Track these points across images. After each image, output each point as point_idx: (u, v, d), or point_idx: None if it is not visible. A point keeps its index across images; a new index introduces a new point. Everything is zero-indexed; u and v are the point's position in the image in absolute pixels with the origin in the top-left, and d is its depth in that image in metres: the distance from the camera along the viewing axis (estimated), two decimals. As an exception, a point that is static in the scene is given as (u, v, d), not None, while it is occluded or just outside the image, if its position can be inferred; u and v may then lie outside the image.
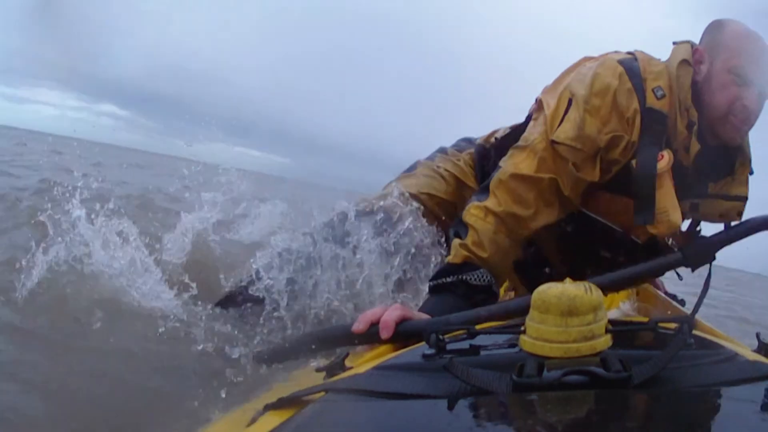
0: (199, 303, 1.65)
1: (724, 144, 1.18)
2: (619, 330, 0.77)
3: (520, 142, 1.24)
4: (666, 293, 1.84)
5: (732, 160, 1.22)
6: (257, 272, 1.49)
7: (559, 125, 1.17)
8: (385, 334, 0.94)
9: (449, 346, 0.77)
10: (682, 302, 1.76)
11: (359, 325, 0.97)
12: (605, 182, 1.19)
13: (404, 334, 0.95)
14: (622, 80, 1.15)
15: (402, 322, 0.96)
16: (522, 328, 0.71)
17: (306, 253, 1.48)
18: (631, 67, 1.17)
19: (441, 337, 0.79)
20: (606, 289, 1.05)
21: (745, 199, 1.22)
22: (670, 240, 1.24)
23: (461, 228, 1.20)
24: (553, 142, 1.17)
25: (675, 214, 1.13)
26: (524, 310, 0.71)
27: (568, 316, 0.66)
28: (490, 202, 1.19)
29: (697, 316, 1.23)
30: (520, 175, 1.18)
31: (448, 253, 1.23)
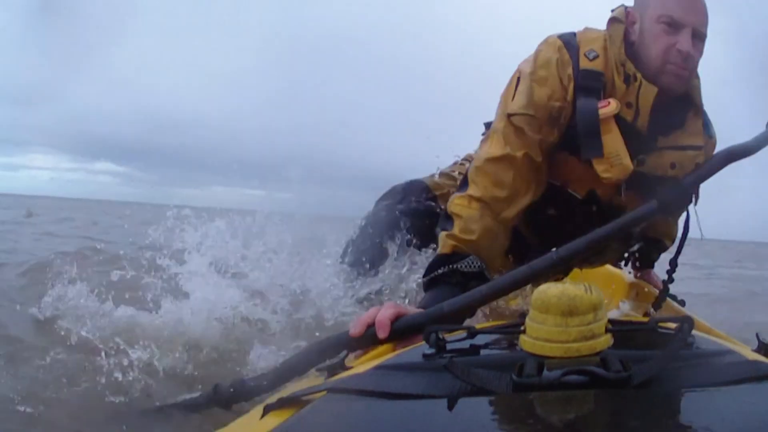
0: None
1: (672, 95, 1.21)
2: (619, 330, 0.77)
3: (487, 132, 1.29)
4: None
5: (684, 114, 1.25)
6: None
7: (512, 101, 1.24)
8: (381, 334, 0.94)
9: (449, 346, 0.77)
10: (682, 302, 1.75)
11: (356, 329, 0.97)
12: (566, 144, 1.24)
13: (400, 330, 0.95)
14: (561, 52, 1.22)
15: (397, 319, 0.96)
16: (522, 328, 0.71)
17: None
18: (569, 39, 1.24)
19: (441, 336, 0.79)
20: (584, 254, 1.12)
21: (700, 147, 1.24)
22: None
23: (446, 221, 1.22)
24: (508, 116, 1.23)
25: (626, 158, 1.15)
26: (516, 284, 0.70)
27: (568, 316, 0.66)
28: (472, 190, 1.21)
29: (698, 316, 1.24)
30: (493, 157, 1.22)
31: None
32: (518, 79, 1.26)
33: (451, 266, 1.16)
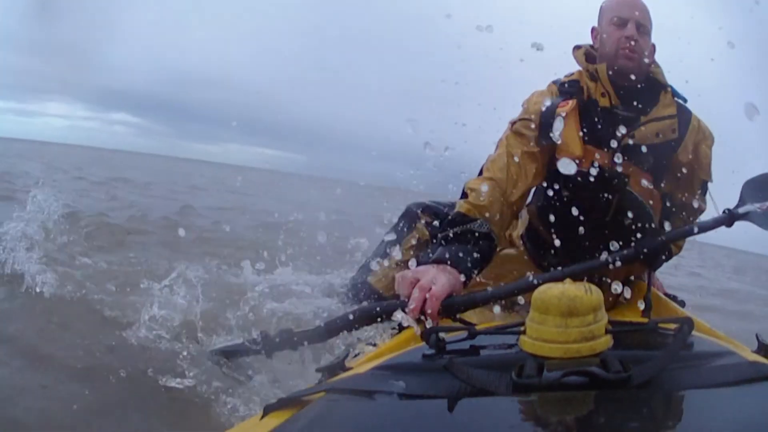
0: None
1: (630, 74, 1.51)
2: (619, 330, 0.77)
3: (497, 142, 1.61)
4: (666, 294, 1.83)
5: (656, 94, 1.56)
6: None
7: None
8: (432, 311, 1.11)
9: (449, 347, 0.77)
10: (682, 303, 1.75)
11: (412, 305, 1.12)
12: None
13: (449, 308, 1.14)
14: (550, 86, 1.64)
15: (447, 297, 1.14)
16: (522, 329, 0.71)
17: None
18: (556, 80, 1.65)
19: (441, 337, 0.79)
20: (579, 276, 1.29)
21: (673, 116, 1.54)
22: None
23: (462, 197, 1.46)
24: (511, 124, 1.57)
25: (574, 144, 1.50)
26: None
27: (568, 317, 0.66)
28: (485, 174, 1.51)
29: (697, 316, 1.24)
30: (499, 154, 1.54)
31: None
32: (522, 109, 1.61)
33: (464, 226, 1.38)
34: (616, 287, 1.46)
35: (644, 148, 1.49)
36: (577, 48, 1.65)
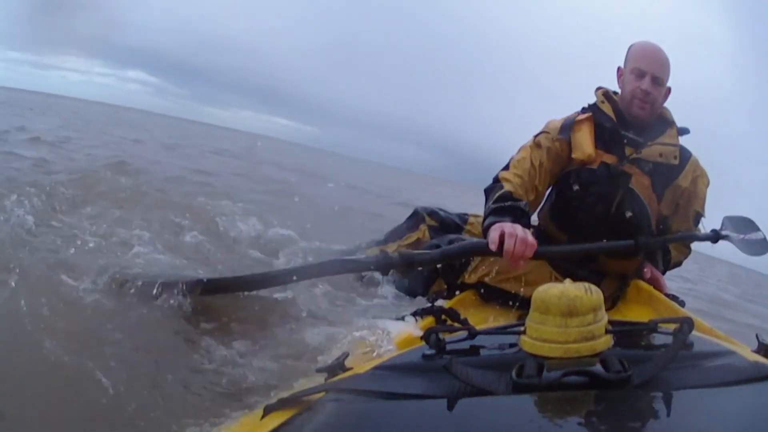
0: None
1: (642, 119, 1.79)
2: (619, 330, 0.77)
3: (520, 147, 1.88)
4: (666, 294, 1.83)
5: (664, 128, 1.83)
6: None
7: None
8: (528, 253, 1.45)
9: (449, 347, 0.77)
10: (683, 303, 1.75)
11: (496, 243, 1.45)
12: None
13: (538, 255, 1.49)
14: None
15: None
16: (522, 329, 0.71)
17: None
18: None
19: (441, 337, 0.79)
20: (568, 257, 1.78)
21: (676, 145, 1.81)
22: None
23: (495, 184, 1.77)
24: (534, 137, 1.85)
25: (587, 146, 1.78)
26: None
27: (568, 317, 0.66)
28: (512, 170, 1.80)
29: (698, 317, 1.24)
30: (522, 158, 1.82)
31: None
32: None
33: (515, 203, 1.66)
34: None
35: (647, 167, 1.77)
36: (598, 89, 1.92)
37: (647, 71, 1.75)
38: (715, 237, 1.96)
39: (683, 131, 1.87)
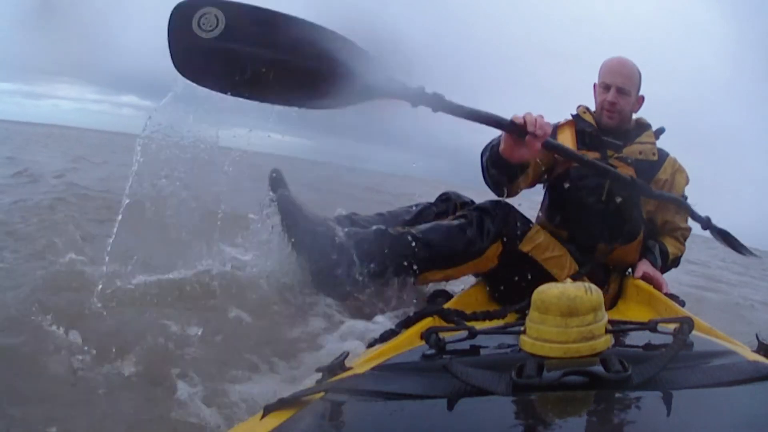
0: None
1: (611, 127, 2.01)
2: (619, 330, 0.77)
3: None
4: (666, 294, 1.83)
5: (641, 131, 2.06)
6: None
7: None
8: (540, 132, 1.57)
9: (449, 347, 0.77)
10: (683, 303, 1.75)
11: (518, 119, 1.58)
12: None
13: (549, 145, 1.70)
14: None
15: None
16: (522, 329, 0.71)
17: None
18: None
19: (440, 337, 0.78)
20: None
21: (652, 143, 2.04)
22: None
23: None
24: None
25: (568, 144, 1.91)
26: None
27: (568, 317, 0.66)
28: None
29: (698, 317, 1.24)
30: None
31: None
32: None
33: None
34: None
35: (629, 159, 1.98)
36: (579, 106, 2.15)
37: (612, 84, 1.98)
38: (707, 223, 2.14)
39: (660, 132, 2.11)
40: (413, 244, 1.82)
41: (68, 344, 1.40)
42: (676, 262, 2.14)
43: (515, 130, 1.60)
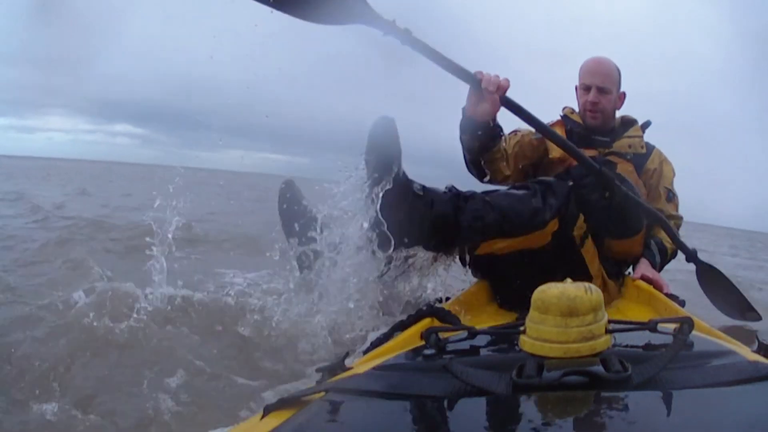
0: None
1: (595, 126, 2.05)
2: (619, 330, 0.77)
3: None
4: (666, 294, 1.83)
5: (629, 127, 2.11)
6: None
7: None
8: (496, 92, 1.61)
9: (449, 347, 0.77)
10: (683, 303, 1.75)
11: (479, 74, 1.62)
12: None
13: (505, 100, 1.65)
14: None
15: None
16: (522, 329, 0.71)
17: None
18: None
19: (441, 337, 0.78)
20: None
21: (640, 137, 2.09)
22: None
23: None
24: (513, 131, 2.10)
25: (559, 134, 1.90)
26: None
27: (568, 317, 0.66)
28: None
29: (698, 317, 1.24)
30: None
31: None
32: None
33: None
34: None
35: (628, 156, 2.02)
36: (565, 107, 2.19)
37: (591, 84, 2.01)
38: (693, 255, 2.15)
39: (646, 125, 2.16)
40: (483, 206, 1.66)
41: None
42: (674, 254, 2.15)
43: (474, 82, 1.65)
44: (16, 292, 2.23)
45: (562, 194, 1.75)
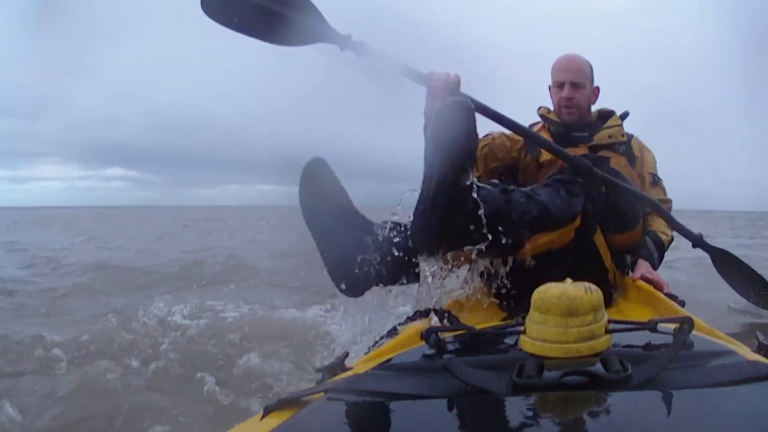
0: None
1: (571, 122, 2.05)
2: (619, 330, 0.77)
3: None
4: (666, 294, 1.83)
5: (607, 119, 2.12)
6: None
7: None
8: (448, 87, 1.53)
9: (449, 347, 0.77)
10: (683, 303, 1.75)
11: (432, 73, 1.56)
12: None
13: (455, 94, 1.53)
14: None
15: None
16: (522, 329, 0.71)
17: None
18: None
19: (441, 337, 0.78)
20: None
21: (619, 125, 2.09)
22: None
23: None
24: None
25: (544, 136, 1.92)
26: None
27: (568, 317, 0.66)
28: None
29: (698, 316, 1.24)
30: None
31: None
32: None
33: None
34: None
35: (621, 149, 2.03)
36: (540, 108, 2.19)
37: (564, 80, 2.02)
38: (698, 240, 2.16)
39: (624, 115, 2.17)
40: (527, 200, 1.61)
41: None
42: (670, 243, 2.15)
43: (428, 83, 1.64)
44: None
45: (581, 191, 1.75)
